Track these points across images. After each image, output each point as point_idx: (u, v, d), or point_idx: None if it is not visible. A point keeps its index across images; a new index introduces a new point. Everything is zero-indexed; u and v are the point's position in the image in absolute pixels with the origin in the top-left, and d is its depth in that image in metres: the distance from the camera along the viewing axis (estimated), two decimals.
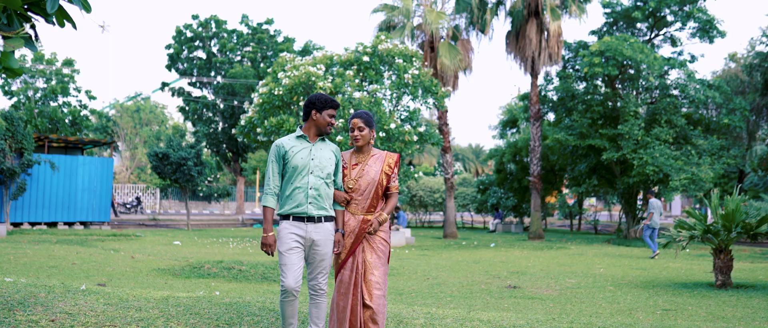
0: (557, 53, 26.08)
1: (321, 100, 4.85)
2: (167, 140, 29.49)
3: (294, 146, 4.85)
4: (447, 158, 27.81)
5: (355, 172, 5.09)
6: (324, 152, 4.88)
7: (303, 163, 4.77)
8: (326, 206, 4.84)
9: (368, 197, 5.05)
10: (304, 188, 4.75)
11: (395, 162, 5.19)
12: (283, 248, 4.73)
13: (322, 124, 4.86)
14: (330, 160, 4.87)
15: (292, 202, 4.77)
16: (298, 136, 4.91)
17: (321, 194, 4.79)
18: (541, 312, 8.24)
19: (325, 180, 4.84)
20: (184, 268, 13.05)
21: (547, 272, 14.29)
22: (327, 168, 4.85)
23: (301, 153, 4.81)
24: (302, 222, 4.76)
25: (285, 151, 4.84)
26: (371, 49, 21.19)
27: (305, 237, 4.75)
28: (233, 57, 40.28)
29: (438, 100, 22.23)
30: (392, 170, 5.14)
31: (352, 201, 5.06)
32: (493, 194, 35.12)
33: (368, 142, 5.13)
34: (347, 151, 5.26)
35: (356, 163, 5.13)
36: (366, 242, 5.03)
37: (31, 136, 24.36)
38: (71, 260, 14.00)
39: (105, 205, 27.72)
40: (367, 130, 5.10)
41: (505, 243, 23.73)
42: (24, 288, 6.41)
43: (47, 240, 19.43)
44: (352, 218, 5.04)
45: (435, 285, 11.85)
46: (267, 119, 20.62)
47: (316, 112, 4.85)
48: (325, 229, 4.82)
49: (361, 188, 5.05)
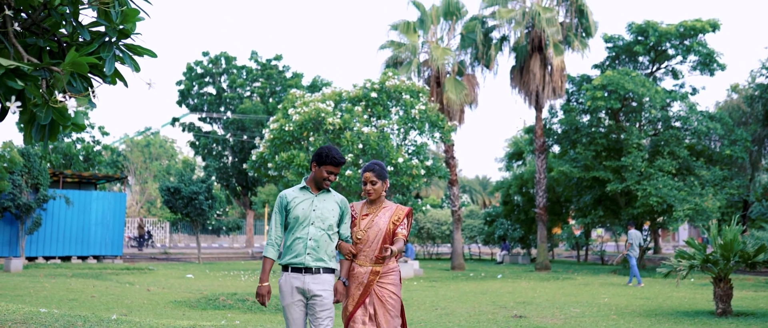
0: (561, 87, 26.64)
1: (324, 154, 4.85)
2: (179, 175, 30.04)
3: (296, 197, 4.88)
4: (454, 191, 28.25)
5: (364, 222, 5.06)
6: (327, 204, 4.89)
7: (304, 214, 4.79)
8: (325, 258, 4.80)
9: (376, 248, 4.99)
10: (303, 238, 4.77)
11: (405, 214, 5.12)
12: (285, 302, 4.77)
13: (319, 178, 4.87)
14: (333, 212, 4.88)
15: (292, 252, 4.79)
16: (301, 187, 4.94)
17: (320, 245, 4.78)
18: None
19: (327, 232, 4.83)
20: (200, 300, 13.47)
21: (552, 302, 14.64)
22: (329, 219, 4.84)
23: (303, 204, 4.84)
24: (300, 273, 4.75)
25: (287, 202, 4.88)
26: (379, 85, 21.76)
27: (304, 289, 4.73)
28: (243, 93, 40.99)
29: (444, 134, 22.72)
30: (401, 221, 5.07)
31: (360, 252, 5.02)
32: (500, 226, 35.46)
33: (380, 196, 5.10)
34: (359, 202, 5.25)
35: (367, 214, 5.10)
36: (375, 297, 4.95)
37: (46, 171, 24.94)
38: (89, 293, 14.43)
39: (118, 239, 28.20)
40: (380, 183, 5.05)
41: (512, 274, 24.06)
42: (61, 318, 6.87)
43: (63, 274, 19.88)
44: (360, 269, 4.99)
45: (443, 315, 12.24)
46: (278, 154, 21.14)
47: (316, 164, 4.88)
48: (323, 280, 4.77)
49: (368, 238, 5.01)
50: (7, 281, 16.46)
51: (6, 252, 24.63)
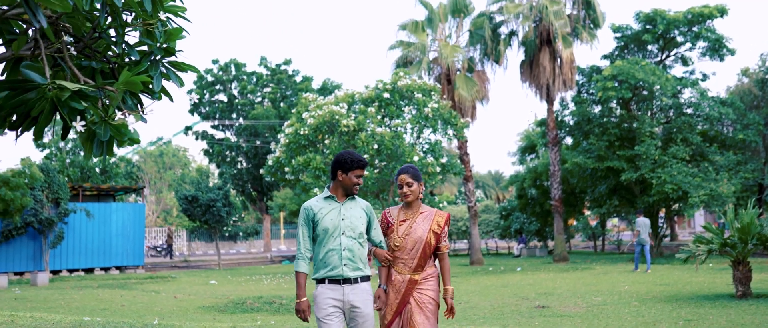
0: (571, 79, 26.79)
1: (348, 160, 4.75)
2: (195, 183, 30.35)
3: (322, 208, 4.75)
4: (469, 187, 28.44)
5: (402, 229, 4.95)
6: (354, 211, 4.77)
7: (333, 224, 4.67)
8: (361, 266, 4.71)
9: (415, 257, 4.88)
10: (337, 249, 4.65)
11: (445, 221, 5.01)
12: (321, 315, 4.62)
13: (349, 185, 4.75)
14: (361, 219, 4.78)
15: (327, 265, 4.66)
16: (326, 197, 4.81)
17: (355, 254, 4.68)
18: (570, 327, 8.83)
19: (358, 240, 4.72)
20: (228, 305, 13.74)
21: (573, 291, 14.83)
22: (358, 227, 4.74)
23: (331, 214, 4.71)
24: (338, 285, 4.63)
25: (314, 213, 4.74)
26: (391, 85, 21.99)
27: (343, 300, 4.62)
28: (254, 98, 41.30)
29: (457, 131, 22.94)
30: (442, 228, 4.97)
31: (397, 259, 4.93)
32: (516, 220, 35.63)
33: (417, 198, 5.00)
34: (394, 207, 5.14)
35: (404, 219, 4.99)
36: (414, 301, 4.84)
37: (66, 186, 25.28)
38: (118, 302, 14.73)
39: (139, 249, 28.53)
40: (416, 185, 4.95)
41: (530, 267, 24.24)
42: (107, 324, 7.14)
43: (89, 286, 20.21)
44: (398, 277, 4.89)
45: (467, 309, 12.45)
46: (294, 158, 21.41)
47: (342, 173, 4.76)
48: (362, 290, 4.68)
49: (407, 246, 4.90)
50: (36, 295, 16.78)
51: (30, 266, 25.01)
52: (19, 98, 3.22)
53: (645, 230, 19.90)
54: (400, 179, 4.97)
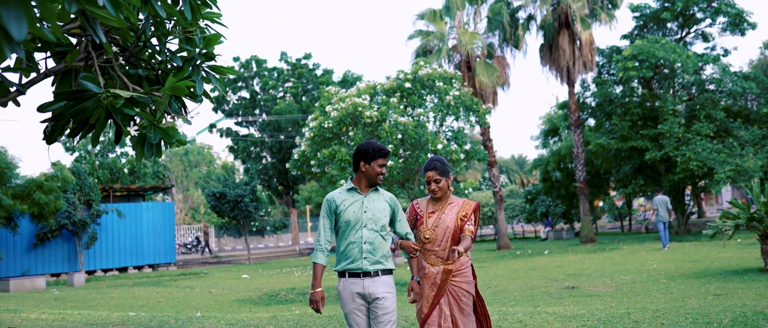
0: (591, 60, 26.78)
1: (369, 150, 4.69)
2: (222, 180, 30.75)
3: (345, 200, 4.69)
4: (494, 172, 28.57)
5: (431, 220, 4.94)
6: (377, 204, 4.71)
7: (355, 216, 4.62)
8: (382, 260, 4.63)
9: (446, 247, 4.85)
10: (358, 242, 4.60)
11: (472, 210, 4.99)
12: (345, 309, 4.61)
13: (373, 174, 4.68)
14: (384, 212, 4.71)
15: (347, 258, 4.62)
16: (349, 189, 4.75)
17: (376, 247, 4.61)
18: (600, 305, 9.00)
19: (380, 233, 4.66)
20: (262, 297, 14.05)
21: (602, 271, 14.95)
22: (381, 220, 4.67)
23: (353, 206, 4.66)
24: (358, 278, 4.58)
25: (336, 205, 4.69)
26: (412, 75, 22.15)
27: (363, 293, 4.56)
28: (276, 94, 41.66)
29: (480, 117, 23.05)
30: (468, 217, 4.93)
31: (429, 252, 4.90)
32: (542, 203, 35.70)
33: (446, 192, 4.98)
34: (423, 199, 5.12)
35: (433, 211, 4.99)
36: (450, 296, 4.80)
37: (96, 187, 25.75)
38: (155, 299, 15.08)
39: (169, 247, 28.99)
40: (444, 180, 4.93)
41: (558, 249, 24.34)
42: (153, 318, 7.44)
43: (124, 284, 20.64)
44: (431, 269, 4.86)
45: (498, 292, 12.65)
46: (319, 151, 21.66)
47: (364, 163, 4.70)
48: (383, 283, 4.60)
49: (437, 237, 4.88)
50: (75, 294, 17.19)
51: (66, 268, 25.53)
52: (78, 107, 3.47)
53: (663, 208, 20.28)
54: (427, 175, 4.93)
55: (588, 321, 6.59)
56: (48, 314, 7.86)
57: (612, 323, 6.44)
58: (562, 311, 7.18)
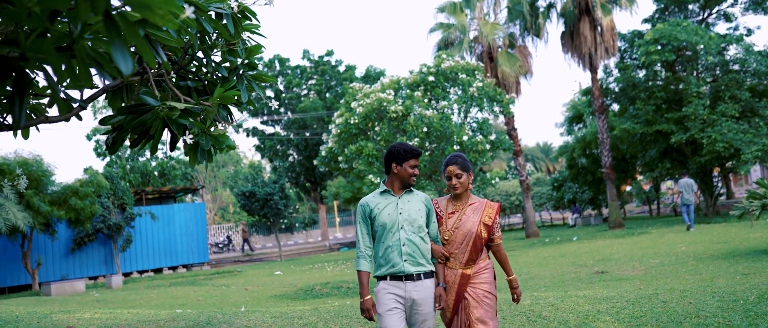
0: (613, 46, 26.81)
1: (401, 151, 4.62)
2: (251, 179, 31.22)
3: (379, 203, 4.62)
4: (519, 161, 28.74)
5: (451, 221, 4.73)
6: (412, 204, 4.61)
7: (391, 219, 4.53)
8: (423, 262, 4.51)
9: (465, 250, 4.65)
10: (396, 246, 4.48)
11: (496, 212, 4.78)
12: (382, 309, 4.43)
13: (405, 176, 4.61)
14: (420, 212, 4.60)
15: (387, 262, 4.50)
16: (382, 191, 4.68)
17: (415, 249, 4.50)
18: (630, 288, 9.22)
19: (418, 234, 4.54)
20: (297, 292, 14.40)
21: (631, 256, 15.12)
22: (418, 221, 4.56)
23: (388, 209, 4.57)
24: (400, 281, 4.45)
25: (370, 209, 4.62)
26: (435, 68, 22.39)
27: (405, 297, 4.44)
28: (300, 92, 42.06)
29: (504, 107, 23.22)
30: (493, 220, 4.72)
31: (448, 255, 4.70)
32: (569, 190, 35.78)
33: (467, 189, 4.78)
34: (443, 198, 4.91)
35: (453, 211, 4.77)
36: (470, 296, 4.61)
37: (129, 191, 26.32)
38: (194, 297, 15.50)
39: (202, 247, 29.54)
40: (465, 175, 4.74)
41: (587, 235, 24.47)
42: (200, 314, 7.80)
43: (161, 284, 21.11)
44: (449, 272, 4.68)
45: (528, 279, 12.89)
46: (347, 147, 21.99)
47: (396, 165, 4.63)
48: (425, 286, 4.49)
49: (457, 240, 4.67)
50: (115, 296, 17.68)
51: (103, 270, 26.14)
52: (138, 120, 3.79)
53: (688, 190, 20.67)
54: (448, 170, 4.76)
55: (617, 303, 6.83)
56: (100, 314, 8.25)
57: (640, 304, 6.68)
58: (592, 294, 7.42)
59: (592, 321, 6.25)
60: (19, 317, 8.06)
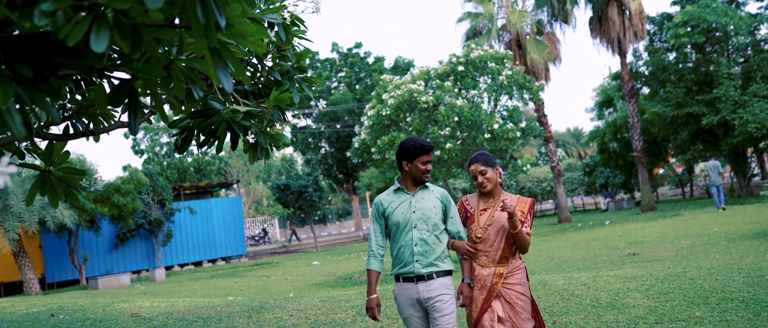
0: (642, 30, 26.87)
1: (410, 148, 4.46)
2: (285, 172, 31.80)
3: (393, 202, 4.51)
4: (550, 147, 28.96)
5: (483, 218, 4.55)
6: (427, 202, 4.46)
7: (404, 218, 4.41)
8: (436, 262, 4.38)
9: (499, 248, 4.49)
10: (408, 245, 4.39)
11: (529, 207, 4.57)
12: (403, 315, 4.44)
13: (417, 173, 4.46)
14: (435, 210, 4.45)
15: (399, 262, 4.43)
16: (396, 189, 4.55)
17: (429, 249, 4.38)
18: (660, 267, 9.53)
19: (433, 232, 4.41)
20: (337, 280, 14.89)
21: (663, 237, 15.36)
22: (432, 219, 4.42)
23: (401, 207, 4.46)
24: (412, 283, 4.36)
25: (384, 208, 4.53)
26: (464, 58, 22.70)
27: (419, 299, 4.35)
28: (330, 84, 42.58)
29: (533, 94, 23.47)
30: (525, 215, 4.51)
31: (480, 252, 4.53)
32: (600, 175, 35.86)
33: (496, 184, 4.59)
34: (472, 195, 4.75)
35: (484, 208, 4.59)
36: (504, 301, 4.44)
37: (168, 187, 27.03)
38: (237, 288, 16.06)
39: (240, 240, 30.21)
40: (491, 171, 4.54)
41: (619, 219, 24.66)
42: (253, 300, 8.31)
43: (203, 277, 21.76)
44: (482, 271, 4.50)
45: (561, 262, 13.22)
46: (379, 139, 22.42)
47: (407, 162, 4.49)
48: (438, 285, 4.35)
49: (489, 237, 4.50)
50: (160, 288, 18.31)
51: (145, 264, 26.91)
52: (206, 122, 4.24)
53: (715, 172, 21.06)
54: (472, 169, 4.60)
55: (647, 281, 7.18)
56: (158, 303, 8.79)
57: (669, 281, 7.01)
58: (623, 274, 7.77)
59: (623, 298, 6.61)
60: (84, 306, 8.63)
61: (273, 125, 4.77)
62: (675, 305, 6.21)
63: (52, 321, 7.75)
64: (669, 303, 6.27)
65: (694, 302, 6.22)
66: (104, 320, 7.53)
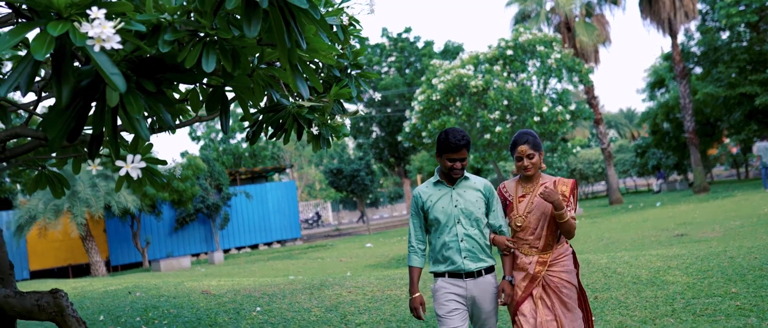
0: (693, 10, 26.62)
1: (441, 142, 4.23)
2: (338, 156, 32.43)
3: (432, 195, 4.30)
4: (600, 129, 28.99)
5: (522, 205, 4.31)
6: (469, 194, 4.25)
7: (446, 212, 4.20)
8: (483, 257, 4.20)
9: (541, 236, 4.25)
10: (454, 242, 4.16)
11: (571, 189, 4.31)
12: (442, 311, 4.15)
13: (445, 169, 4.25)
14: (478, 203, 4.23)
15: (446, 260, 4.19)
16: (435, 182, 4.34)
17: (475, 244, 4.18)
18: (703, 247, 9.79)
19: (478, 227, 4.21)
20: (390, 261, 15.41)
21: (712, 219, 15.48)
22: (475, 213, 4.20)
23: (442, 201, 4.24)
24: (460, 279, 4.15)
25: (423, 201, 4.31)
26: (513, 42, 22.92)
27: (465, 296, 4.15)
28: (380, 69, 43.04)
29: (582, 77, 23.57)
30: (567, 199, 4.25)
31: (521, 241, 4.31)
32: (653, 156, 35.64)
33: (538, 169, 4.33)
34: (510, 181, 4.51)
35: (523, 194, 4.34)
36: (548, 289, 4.23)
37: (224, 172, 27.90)
38: (294, 269, 16.70)
39: (294, 223, 30.99)
40: (537, 155, 4.27)
41: (670, 201, 24.65)
42: (313, 279, 8.88)
43: (259, 259, 22.52)
44: (523, 258, 4.28)
45: (609, 244, 13.50)
46: (430, 123, 22.82)
47: (438, 155, 4.30)
48: (486, 282, 4.19)
49: (531, 225, 4.27)
50: (219, 270, 19.10)
51: (204, 248, 27.88)
52: (276, 116, 4.74)
53: (767, 153, 21.16)
54: (519, 150, 4.28)
55: (687, 259, 7.50)
56: (225, 282, 9.42)
57: (708, 260, 7.32)
58: (665, 253, 8.09)
59: (663, 275, 6.96)
60: (157, 285, 9.31)
61: (334, 118, 5.27)
62: (712, 281, 6.53)
63: (130, 298, 8.43)
64: (707, 280, 6.60)
65: (731, 278, 6.54)
66: (178, 297, 8.17)
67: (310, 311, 7.08)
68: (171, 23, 2.34)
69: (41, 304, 4.44)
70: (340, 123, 5.13)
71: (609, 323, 5.84)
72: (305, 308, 7.24)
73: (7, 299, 4.31)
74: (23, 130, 3.26)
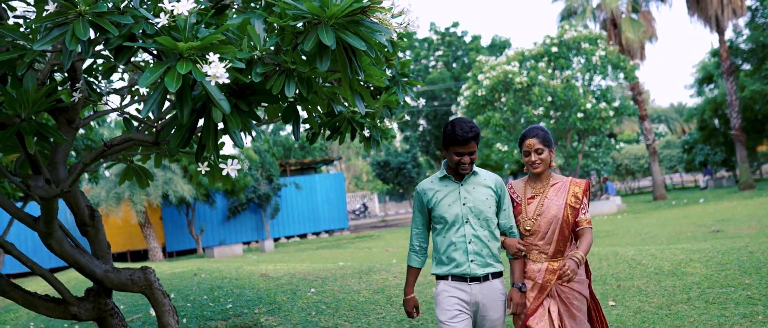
0: (741, 6, 26.63)
1: (447, 134, 3.95)
2: (385, 149, 33.13)
3: (438, 191, 3.99)
4: (646, 125, 29.20)
5: (531, 207, 4.05)
6: (479, 192, 3.93)
7: (452, 211, 3.88)
8: (492, 261, 3.88)
9: (551, 241, 3.97)
10: (461, 243, 3.85)
11: (583, 191, 4.04)
12: (445, 317, 3.85)
13: (452, 163, 3.94)
14: (488, 201, 3.91)
15: (450, 261, 3.87)
16: (441, 177, 4.03)
17: (483, 246, 3.86)
18: (730, 243, 10.24)
19: (488, 227, 3.88)
20: None
21: (752, 216, 15.71)
22: (485, 212, 3.88)
23: (448, 198, 3.93)
24: (465, 283, 3.84)
25: (427, 198, 4.00)
26: (558, 39, 23.34)
27: (470, 301, 3.85)
28: (427, 63, 43.63)
29: (627, 73, 23.88)
30: (580, 201, 3.99)
31: (531, 246, 4.01)
32: (700, 152, 35.58)
33: (548, 167, 4.06)
34: (518, 181, 4.23)
35: (532, 195, 4.08)
36: (557, 299, 3.95)
37: (275, 164, 28.82)
38: (342, 257, 17.44)
39: (342, 214, 31.81)
40: (547, 151, 4.01)
41: (715, 197, 24.80)
42: (362, 265, 9.64)
43: (308, 248, 23.35)
44: (533, 265, 3.99)
45: (646, 239, 13.96)
46: (475, 118, 23.41)
47: (444, 148, 4.00)
48: (492, 288, 3.89)
49: (541, 229, 3.98)
50: (270, 257, 19.95)
51: (254, 236, 28.88)
52: (333, 120, 5.47)
53: None
54: (527, 143, 4.03)
55: (709, 252, 8.03)
56: (280, 266, 10.25)
57: (729, 254, 7.84)
58: (690, 247, 8.63)
59: (684, 267, 7.52)
60: (219, 268, 10.18)
61: (383, 121, 5.99)
62: (729, 273, 7.09)
63: (196, 279, 9.30)
64: (724, 272, 7.15)
65: (746, 271, 7.08)
66: (239, 278, 9.01)
67: (359, 293, 7.84)
68: (261, 59, 3.06)
69: (134, 278, 5.28)
70: (387, 127, 5.85)
71: (628, 308, 6.46)
72: (355, 289, 8.00)
73: (107, 273, 5.14)
74: (137, 135, 4.04)
